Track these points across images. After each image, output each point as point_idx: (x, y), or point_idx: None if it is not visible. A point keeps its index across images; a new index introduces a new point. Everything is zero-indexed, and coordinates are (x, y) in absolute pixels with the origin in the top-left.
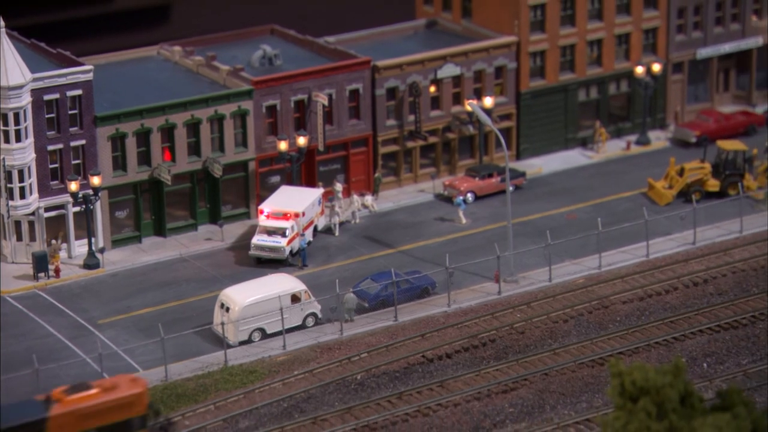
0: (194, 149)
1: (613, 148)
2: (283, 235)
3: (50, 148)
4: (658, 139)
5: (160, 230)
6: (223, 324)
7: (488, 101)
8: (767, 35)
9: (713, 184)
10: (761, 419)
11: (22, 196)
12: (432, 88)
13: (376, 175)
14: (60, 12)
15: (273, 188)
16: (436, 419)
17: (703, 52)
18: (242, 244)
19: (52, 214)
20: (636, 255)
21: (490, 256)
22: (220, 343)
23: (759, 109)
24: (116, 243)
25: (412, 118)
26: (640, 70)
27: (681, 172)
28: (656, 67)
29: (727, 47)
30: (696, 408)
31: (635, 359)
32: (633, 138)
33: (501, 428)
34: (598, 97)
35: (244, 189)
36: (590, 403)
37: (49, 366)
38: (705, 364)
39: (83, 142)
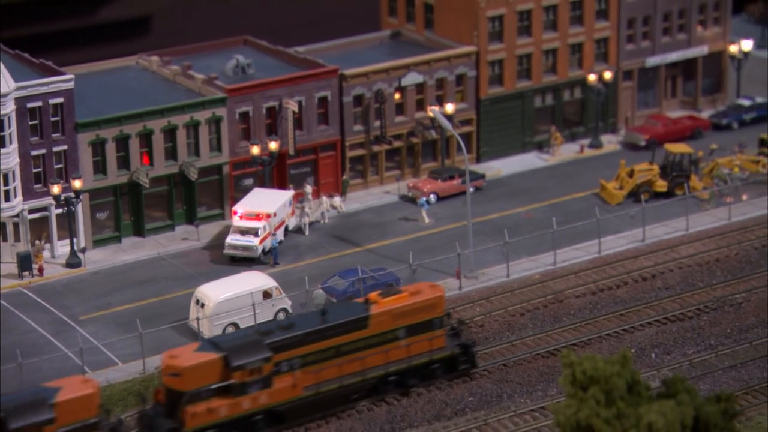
0: (171, 154)
1: (567, 151)
2: (256, 234)
3: (33, 153)
4: (610, 142)
5: (138, 231)
6: (198, 319)
7: (450, 107)
8: (712, 44)
9: (661, 185)
10: (703, 406)
11: (7, 199)
12: (396, 95)
13: (344, 177)
14: (44, 24)
15: (246, 190)
16: (400, 408)
17: (652, 61)
18: (217, 243)
19: (36, 215)
20: (588, 252)
21: (452, 254)
22: (196, 337)
23: (704, 114)
24: (97, 243)
25: (377, 123)
26: (592, 77)
27: (631, 174)
28: (607, 75)
29: (674, 56)
30: (642, 395)
31: (588, 350)
32: (586, 142)
33: (461, 416)
34: (553, 103)
35: (218, 191)
36: (545, 392)
37: (32, 360)
38: (653, 355)
39: (65, 147)
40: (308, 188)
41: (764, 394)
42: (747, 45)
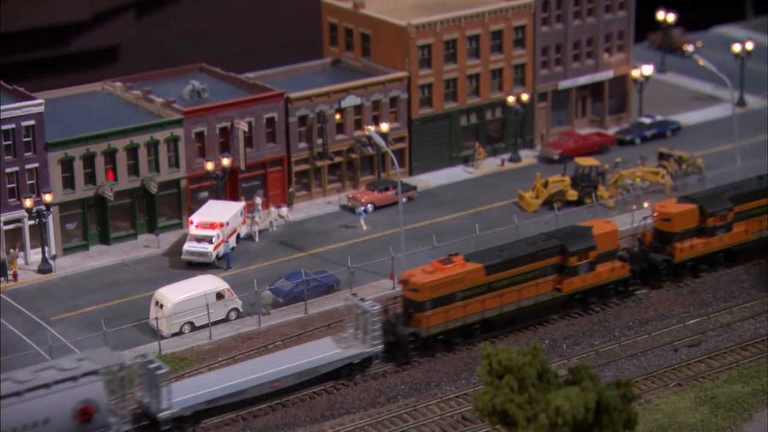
0: (133, 170)
1: (489, 164)
2: (210, 242)
3: (8, 170)
4: (527, 156)
5: (104, 239)
6: (157, 319)
7: (384, 126)
8: (617, 69)
9: (572, 194)
10: (605, 391)
11: None
12: (337, 116)
13: (290, 189)
14: (21, 54)
15: (202, 202)
16: (339, 396)
17: (564, 84)
18: (175, 250)
19: (10, 226)
20: None
21: (386, 257)
22: (155, 335)
23: (610, 131)
24: (66, 251)
25: (320, 141)
26: (511, 99)
27: (546, 184)
28: (525, 97)
29: (583, 80)
30: (551, 382)
31: (507, 342)
32: (506, 156)
33: (394, 403)
34: (476, 122)
35: (176, 203)
36: (468, 380)
37: (7, 357)
38: (564, 345)
39: (36, 165)
40: (258, 200)
41: (661, 380)
42: (648, 70)
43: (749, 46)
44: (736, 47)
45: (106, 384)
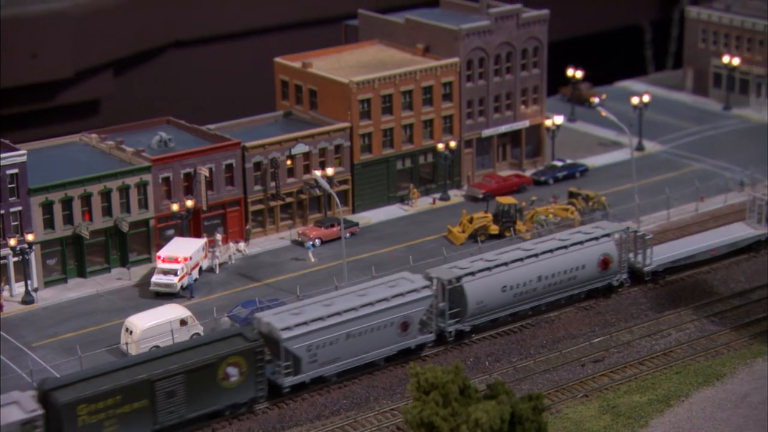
0: (107, 211)
1: (422, 203)
2: (176, 274)
3: None
4: (455, 196)
5: (81, 273)
6: (127, 344)
7: (330, 171)
8: (532, 119)
9: (494, 229)
10: (518, 404)
11: None
12: (288, 162)
13: (247, 227)
14: (10, 107)
15: (168, 239)
16: (288, 411)
17: (487, 132)
18: (144, 281)
19: None
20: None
21: (331, 286)
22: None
23: (527, 173)
24: (47, 283)
25: (273, 184)
26: (441, 145)
27: (471, 220)
28: (453, 144)
29: (503, 128)
30: (472, 397)
31: (437, 360)
32: (437, 195)
33: (336, 416)
34: (411, 166)
35: (146, 240)
36: (403, 394)
37: None
38: (486, 362)
39: (20, 208)
40: (218, 236)
41: (570, 392)
42: (559, 119)
43: (646, 98)
44: (635, 99)
45: (616, 243)
